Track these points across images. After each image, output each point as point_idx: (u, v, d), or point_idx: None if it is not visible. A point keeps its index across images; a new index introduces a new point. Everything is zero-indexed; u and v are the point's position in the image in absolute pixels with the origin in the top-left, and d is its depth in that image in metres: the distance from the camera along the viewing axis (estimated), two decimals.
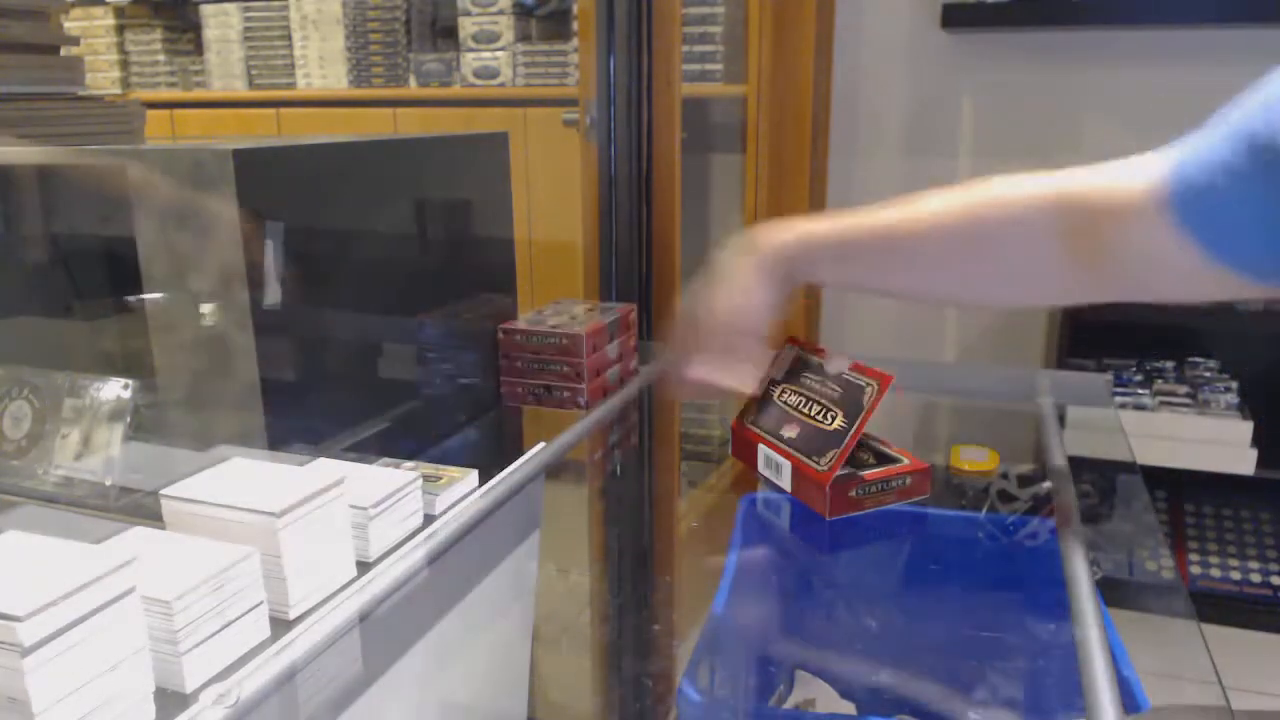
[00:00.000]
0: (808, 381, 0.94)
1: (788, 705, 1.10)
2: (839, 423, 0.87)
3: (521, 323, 1.19)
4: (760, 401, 0.96)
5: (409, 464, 0.82)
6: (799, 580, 1.14)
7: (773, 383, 0.97)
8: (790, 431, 0.91)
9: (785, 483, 0.91)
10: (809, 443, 0.89)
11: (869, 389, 0.88)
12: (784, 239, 0.86)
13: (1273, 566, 2.11)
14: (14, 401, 0.84)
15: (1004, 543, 1.08)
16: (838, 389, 0.90)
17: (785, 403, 0.94)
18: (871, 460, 0.92)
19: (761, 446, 0.93)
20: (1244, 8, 1.91)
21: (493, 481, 0.89)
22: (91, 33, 2.76)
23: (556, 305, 1.30)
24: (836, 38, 2.21)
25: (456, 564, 0.79)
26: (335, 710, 0.64)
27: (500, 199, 1.20)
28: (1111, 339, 2.23)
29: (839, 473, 0.86)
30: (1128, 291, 0.73)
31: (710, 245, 2.42)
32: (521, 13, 2.32)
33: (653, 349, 1.50)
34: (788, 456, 0.90)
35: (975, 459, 1.01)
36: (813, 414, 0.90)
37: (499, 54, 2.34)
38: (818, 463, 0.86)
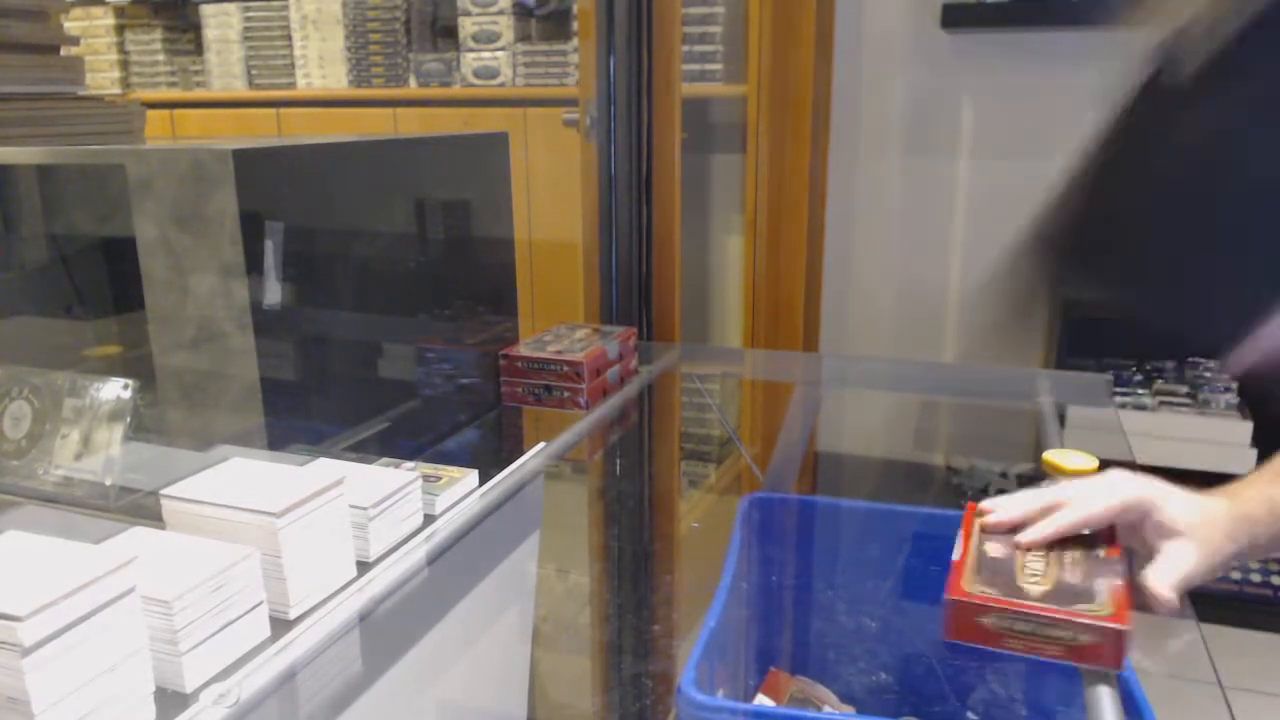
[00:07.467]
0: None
1: (787, 705, 1.10)
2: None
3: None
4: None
5: (409, 464, 0.82)
6: (799, 580, 1.14)
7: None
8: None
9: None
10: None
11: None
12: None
13: (1273, 566, 2.11)
14: (14, 401, 0.84)
15: None
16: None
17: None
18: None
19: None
20: None
21: (492, 481, 0.89)
22: (91, 33, 2.76)
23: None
24: (836, 38, 2.21)
25: (456, 564, 0.79)
26: (335, 710, 0.64)
27: (500, 198, 1.20)
28: (1111, 339, 2.23)
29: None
30: None
31: (710, 245, 2.41)
32: (521, 13, 2.32)
33: (653, 349, 1.50)
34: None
35: (1077, 463, 0.93)
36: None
37: (499, 54, 2.34)
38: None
